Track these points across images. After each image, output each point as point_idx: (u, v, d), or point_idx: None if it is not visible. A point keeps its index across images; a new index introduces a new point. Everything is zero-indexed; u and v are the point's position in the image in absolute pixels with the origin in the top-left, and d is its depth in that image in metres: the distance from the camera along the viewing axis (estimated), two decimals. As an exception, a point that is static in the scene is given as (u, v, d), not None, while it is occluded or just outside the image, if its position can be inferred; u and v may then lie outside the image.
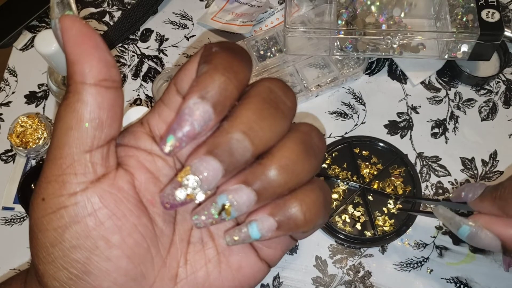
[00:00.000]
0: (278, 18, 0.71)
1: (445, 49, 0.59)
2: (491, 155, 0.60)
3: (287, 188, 0.23)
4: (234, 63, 0.22)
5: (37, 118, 0.63)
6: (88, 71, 0.21)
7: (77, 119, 0.22)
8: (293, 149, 0.23)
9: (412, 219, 0.55)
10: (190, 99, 0.21)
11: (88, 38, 0.22)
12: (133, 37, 0.72)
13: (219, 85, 0.21)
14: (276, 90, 0.23)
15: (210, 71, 0.22)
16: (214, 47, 0.23)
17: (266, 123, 0.22)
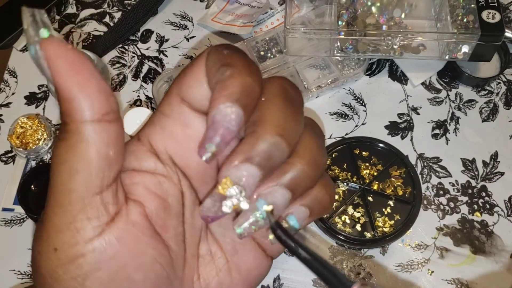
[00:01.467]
0: (278, 19, 0.71)
1: (445, 50, 0.59)
2: (492, 156, 0.60)
3: (316, 180, 0.23)
4: (251, 64, 0.22)
5: (37, 119, 0.63)
6: (88, 107, 0.19)
7: (83, 161, 0.20)
8: (313, 144, 0.23)
9: (412, 220, 0.55)
10: (222, 104, 0.20)
11: (81, 66, 0.19)
12: (133, 38, 0.72)
13: (247, 87, 0.21)
14: (288, 88, 0.23)
15: (236, 74, 0.21)
16: (224, 49, 0.22)
17: (294, 122, 0.22)
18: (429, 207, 0.57)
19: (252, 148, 0.21)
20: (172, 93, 0.23)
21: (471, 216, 0.57)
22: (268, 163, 0.21)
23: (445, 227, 0.56)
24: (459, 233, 0.56)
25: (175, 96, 0.23)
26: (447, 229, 0.56)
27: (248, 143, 0.21)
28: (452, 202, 0.58)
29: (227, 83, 0.21)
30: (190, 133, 0.23)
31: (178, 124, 0.23)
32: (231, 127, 0.20)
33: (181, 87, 0.23)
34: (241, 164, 0.21)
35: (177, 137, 0.23)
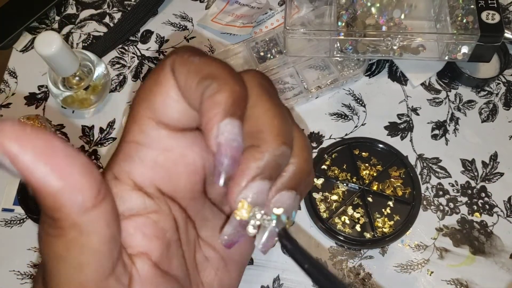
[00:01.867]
0: (278, 19, 0.71)
1: (445, 50, 0.59)
2: (492, 157, 0.60)
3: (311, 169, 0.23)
4: (227, 67, 0.20)
5: (37, 119, 0.63)
6: (79, 198, 0.17)
7: (89, 253, 0.18)
8: (302, 137, 0.23)
9: (412, 221, 0.55)
10: (219, 123, 0.19)
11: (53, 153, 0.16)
12: (133, 38, 0.72)
13: (238, 96, 0.20)
14: (267, 85, 0.22)
15: (223, 85, 0.19)
16: (190, 56, 0.20)
17: (287, 121, 0.21)
18: (429, 208, 0.58)
19: (259, 163, 0.20)
20: (142, 117, 0.21)
21: (471, 216, 0.57)
22: (276, 172, 0.21)
23: (445, 228, 0.56)
24: (458, 233, 0.56)
25: (147, 120, 0.21)
26: (446, 230, 0.56)
27: (254, 158, 0.20)
28: (451, 203, 0.58)
29: (217, 99, 0.19)
30: (174, 156, 0.22)
31: (159, 152, 0.21)
32: (237, 144, 0.19)
33: (155, 109, 0.21)
34: (252, 183, 0.20)
35: (161, 165, 0.21)
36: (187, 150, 0.22)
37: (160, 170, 0.22)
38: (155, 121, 0.21)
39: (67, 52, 0.56)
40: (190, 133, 0.22)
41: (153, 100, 0.21)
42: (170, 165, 0.22)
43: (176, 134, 0.21)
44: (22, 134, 0.16)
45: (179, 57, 0.21)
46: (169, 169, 0.22)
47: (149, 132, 0.21)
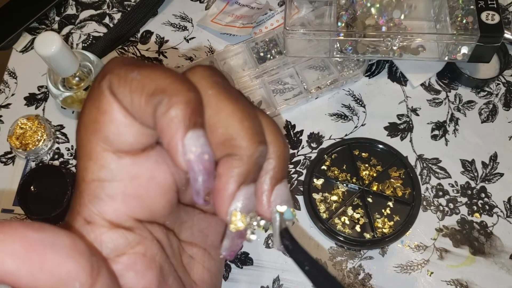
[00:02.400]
0: (278, 20, 0.71)
1: (445, 51, 0.59)
2: (491, 157, 0.60)
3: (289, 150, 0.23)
4: (173, 73, 0.19)
5: (37, 120, 0.63)
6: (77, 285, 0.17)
7: None
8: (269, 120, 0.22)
9: (412, 221, 0.55)
10: (182, 139, 0.18)
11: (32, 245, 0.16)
12: (133, 39, 0.72)
13: (193, 104, 0.18)
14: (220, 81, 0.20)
15: (174, 98, 0.18)
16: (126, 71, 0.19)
17: (254, 118, 0.20)
18: (429, 208, 0.57)
19: (240, 171, 0.19)
20: (97, 151, 0.19)
21: (471, 217, 0.57)
22: (258, 172, 0.21)
23: (445, 228, 0.56)
24: (458, 234, 0.56)
25: (104, 154, 0.19)
26: (446, 230, 0.56)
27: (234, 167, 0.19)
28: (451, 203, 0.58)
29: (172, 114, 0.18)
30: (143, 181, 0.20)
31: (126, 182, 0.20)
32: (207, 155, 0.18)
33: (108, 140, 0.19)
34: (239, 192, 0.19)
35: (132, 195, 0.20)
36: (154, 171, 0.21)
37: (132, 201, 0.20)
38: (113, 152, 0.19)
39: (67, 53, 0.56)
40: (153, 152, 0.21)
41: (102, 131, 0.19)
42: (141, 193, 0.20)
43: (139, 158, 0.20)
44: None
45: (115, 76, 0.19)
46: (142, 197, 0.20)
47: (110, 165, 0.19)
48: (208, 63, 0.65)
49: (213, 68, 0.21)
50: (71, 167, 0.63)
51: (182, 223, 0.25)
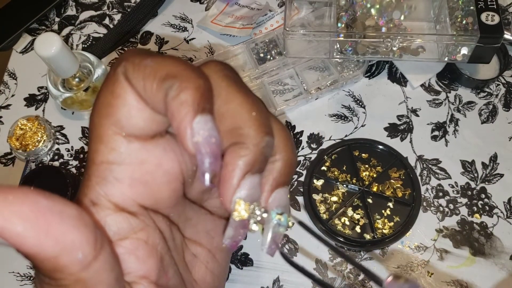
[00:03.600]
0: (278, 20, 0.71)
1: (445, 51, 0.59)
2: (491, 158, 0.60)
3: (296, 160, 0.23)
4: (184, 62, 0.20)
5: (37, 121, 0.63)
6: (80, 255, 0.17)
7: None
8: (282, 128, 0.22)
9: (412, 222, 0.55)
10: (191, 122, 0.18)
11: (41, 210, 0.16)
12: (133, 40, 0.72)
13: (203, 90, 0.19)
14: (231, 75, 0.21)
15: (185, 83, 0.18)
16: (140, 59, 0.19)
17: (263, 112, 0.21)
18: (429, 209, 0.57)
19: (247, 160, 0.20)
20: (108, 134, 0.20)
21: (471, 217, 0.57)
22: (264, 164, 0.21)
23: (445, 229, 0.56)
24: (458, 235, 0.56)
25: (115, 137, 0.20)
26: (446, 231, 0.56)
27: (240, 156, 0.20)
28: (451, 204, 0.58)
29: (182, 98, 0.18)
30: (150, 167, 0.21)
31: (134, 167, 0.20)
32: (214, 139, 0.19)
33: (119, 123, 0.20)
34: (244, 181, 0.20)
35: (139, 180, 0.21)
36: (162, 159, 0.21)
37: (139, 186, 0.21)
38: (123, 136, 0.20)
39: (67, 54, 0.56)
40: (162, 140, 0.21)
41: (115, 114, 0.20)
42: (148, 178, 0.21)
43: (148, 144, 0.20)
44: (4, 205, 0.15)
45: (130, 63, 0.19)
46: (148, 183, 0.21)
47: (119, 148, 0.20)
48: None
49: (225, 64, 0.21)
50: (71, 168, 0.63)
51: (187, 220, 0.25)
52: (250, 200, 0.20)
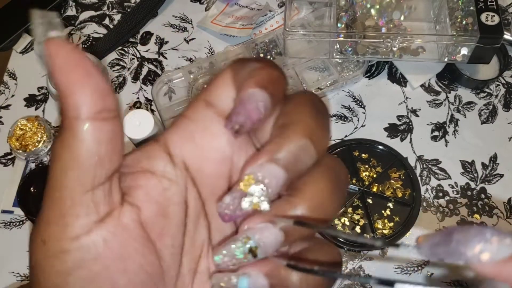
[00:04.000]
0: (277, 21, 0.71)
1: (444, 52, 0.59)
2: (491, 158, 0.60)
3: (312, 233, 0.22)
4: (277, 65, 0.23)
5: (37, 121, 0.63)
6: (81, 105, 0.19)
7: (73, 158, 0.20)
8: (323, 189, 0.22)
9: (412, 222, 0.55)
10: (251, 88, 0.21)
11: (78, 65, 0.19)
12: (133, 40, 0.72)
13: (275, 77, 0.21)
14: (317, 100, 0.23)
15: (264, 66, 0.22)
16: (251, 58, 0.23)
17: (323, 132, 0.22)
18: (429, 209, 0.57)
19: (279, 148, 0.21)
20: (197, 99, 0.24)
21: (471, 218, 0.57)
22: (294, 167, 0.21)
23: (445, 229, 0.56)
24: (458, 235, 0.56)
25: (200, 101, 0.23)
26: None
27: (276, 142, 0.21)
28: (451, 204, 0.58)
29: (256, 72, 0.21)
30: (210, 138, 0.23)
31: (199, 127, 0.23)
32: (259, 107, 0.21)
33: (208, 92, 0.23)
34: (266, 163, 0.20)
35: (196, 140, 0.23)
36: (220, 137, 0.23)
37: (193, 144, 0.23)
38: (206, 102, 0.23)
39: (67, 54, 0.56)
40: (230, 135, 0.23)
41: (210, 86, 0.23)
42: (204, 144, 0.23)
43: (220, 119, 0.23)
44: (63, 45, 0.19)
45: (241, 59, 0.23)
46: (202, 147, 0.23)
47: (198, 110, 0.23)
48: (208, 64, 0.66)
49: (319, 97, 0.23)
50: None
51: (221, 233, 0.24)
52: (261, 183, 0.20)
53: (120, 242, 0.21)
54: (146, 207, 0.22)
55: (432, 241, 0.17)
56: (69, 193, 0.20)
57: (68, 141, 0.20)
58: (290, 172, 0.21)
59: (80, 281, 0.20)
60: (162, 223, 0.22)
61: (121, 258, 0.21)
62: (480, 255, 0.16)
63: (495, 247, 0.15)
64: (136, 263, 0.21)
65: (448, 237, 0.16)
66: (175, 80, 0.66)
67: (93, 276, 0.21)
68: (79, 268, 0.20)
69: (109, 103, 0.20)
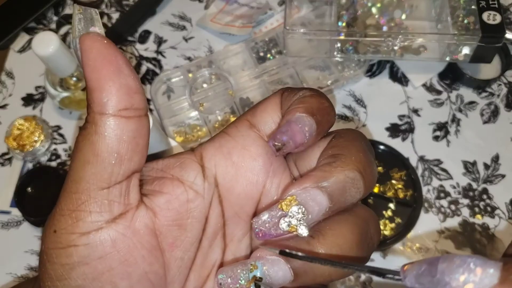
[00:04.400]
0: (278, 19, 0.70)
1: (446, 51, 0.59)
2: (493, 158, 0.60)
3: (329, 278, 0.21)
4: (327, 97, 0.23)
5: (34, 120, 0.63)
6: (106, 100, 0.20)
7: (94, 153, 0.20)
8: (348, 240, 0.21)
9: (413, 223, 0.55)
10: (299, 113, 0.21)
11: (109, 61, 0.20)
12: (131, 38, 0.71)
13: (324, 108, 0.22)
14: (365, 138, 0.23)
15: (314, 95, 0.22)
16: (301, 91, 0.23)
17: (374, 169, 0.22)
18: (430, 210, 0.57)
19: (327, 175, 0.20)
20: (241, 118, 0.24)
21: (472, 219, 0.56)
22: (340, 198, 0.20)
23: (446, 230, 0.56)
24: (460, 236, 0.56)
25: (244, 121, 0.24)
26: (448, 232, 0.56)
27: (324, 170, 0.21)
28: (453, 205, 0.57)
29: (306, 99, 0.22)
30: (247, 158, 0.23)
31: (239, 146, 0.23)
32: (304, 132, 0.21)
33: (253, 113, 0.24)
34: (311, 188, 0.20)
35: (233, 157, 0.23)
36: (257, 160, 0.23)
37: (228, 161, 0.23)
38: (250, 123, 0.23)
39: (64, 53, 0.56)
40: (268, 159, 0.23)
41: (256, 109, 0.24)
42: (239, 162, 0.23)
43: (260, 142, 0.23)
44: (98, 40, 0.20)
45: (291, 87, 0.24)
46: (236, 165, 0.23)
47: (240, 129, 0.23)
48: (207, 63, 0.65)
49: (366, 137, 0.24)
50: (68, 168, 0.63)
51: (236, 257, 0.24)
52: (302, 204, 0.20)
53: (128, 246, 0.21)
54: (163, 214, 0.22)
55: (417, 270, 0.17)
56: (85, 187, 0.20)
57: (90, 135, 0.20)
58: (335, 203, 0.20)
59: (83, 277, 0.20)
60: (176, 234, 0.22)
61: (126, 262, 0.21)
62: (464, 285, 0.16)
63: (478, 277, 0.15)
64: (141, 270, 0.21)
65: (433, 267, 0.16)
66: (174, 79, 0.65)
67: (96, 275, 0.20)
68: (84, 264, 0.20)
69: (136, 101, 0.20)
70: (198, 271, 0.23)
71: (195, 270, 0.23)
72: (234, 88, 0.63)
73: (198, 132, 0.62)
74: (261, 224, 0.21)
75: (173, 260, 0.22)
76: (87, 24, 0.20)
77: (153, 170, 0.23)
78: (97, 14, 0.21)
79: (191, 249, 0.23)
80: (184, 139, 0.62)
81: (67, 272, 0.20)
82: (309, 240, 0.21)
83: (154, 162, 0.23)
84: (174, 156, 0.23)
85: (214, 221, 0.23)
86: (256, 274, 0.20)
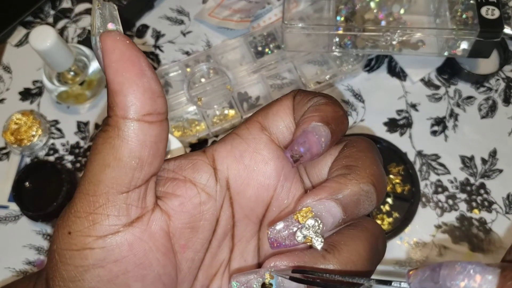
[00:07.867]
0: (276, 14, 0.70)
1: (444, 46, 0.59)
2: (491, 153, 0.60)
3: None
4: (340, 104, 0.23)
5: (32, 115, 0.62)
6: (131, 105, 0.19)
7: (115, 157, 0.20)
8: (361, 255, 0.21)
9: (411, 218, 0.55)
10: (315, 122, 0.21)
11: (132, 63, 0.19)
12: (129, 33, 0.71)
13: (339, 117, 0.21)
14: (376, 148, 0.23)
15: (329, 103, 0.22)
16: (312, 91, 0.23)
17: (384, 180, 0.22)
18: (428, 205, 0.57)
19: (342, 188, 0.20)
20: (252, 120, 0.24)
21: (470, 213, 0.57)
22: (353, 209, 0.21)
23: (444, 225, 0.56)
24: (457, 230, 0.56)
25: (255, 123, 0.23)
26: (445, 227, 0.56)
27: (338, 182, 0.21)
28: (450, 200, 0.57)
29: (321, 107, 0.21)
30: (259, 162, 0.23)
31: (251, 148, 0.23)
32: (321, 142, 0.20)
33: (264, 116, 0.23)
34: (326, 200, 0.20)
35: (245, 160, 0.23)
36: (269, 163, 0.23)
37: (240, 163, 0.23)
38: (261, 126, 0.23)
39: (62, 47, 0.55)
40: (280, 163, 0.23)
41: (267, 111, 0.23)
42: (251, 165, 0.23)
43: (271, 145, 0.23)
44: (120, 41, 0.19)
45: (303, 91, 0.24)
46: (248, 168, 0.23)
47: (251, 131, 0.23)
48: (205, 58, 0.65)
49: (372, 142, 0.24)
50: (67, 162, 0.63)
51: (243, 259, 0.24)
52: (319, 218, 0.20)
53: (144, 249, 0.21)
54: (177, 217, 0.22)
55: (421, 276, 0.17)
56: (104, 191, 0.20)
57: (112, 138, 0.20)
58: (348, 215, 0.20)
59: (97, 279, 0.20)
60: (189, 236, 0.22)
61: (141, 265, 0.21)
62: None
63: (478, 283, 0.16)
64: (155, 272, 0.21)
65: (435, 273, 0.17)
66: (172, 74, 0.65)
67: (110, 277, 0.20)
68: (99, 267, 0.20)
69: (159, 105, 0.20)
70: (206, 270, 0.24)
71: (204, 270, 0.23)
72: (232, 82, 0.63)
73: (196, 127, 0.62)
74: (276, 233, 0.21)
75: (184, 261, 0.22)
76: (105, 21, 0.20)
77: (165, 171, 0.23)
78: (115, 9, 0.20)
79: (202, 250, 0.23)
80: (182, 134, 0.62)
81: (81, 274, 0.20)
82: (324, 255, 0.21)
83: (165, 163, 0.23)
84: (185, 157, 0.23)
85: (224, 223, 0.23)
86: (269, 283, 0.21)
